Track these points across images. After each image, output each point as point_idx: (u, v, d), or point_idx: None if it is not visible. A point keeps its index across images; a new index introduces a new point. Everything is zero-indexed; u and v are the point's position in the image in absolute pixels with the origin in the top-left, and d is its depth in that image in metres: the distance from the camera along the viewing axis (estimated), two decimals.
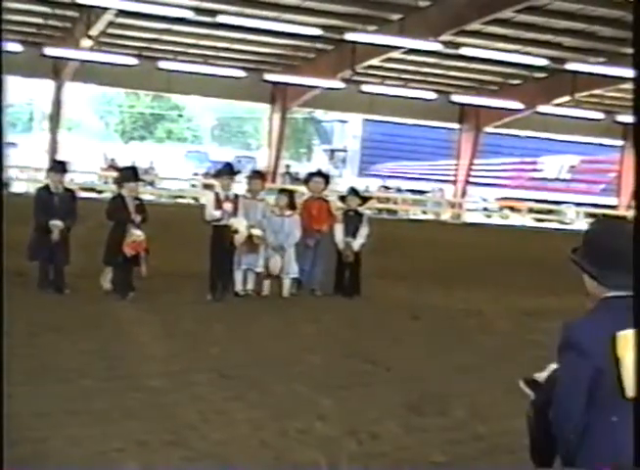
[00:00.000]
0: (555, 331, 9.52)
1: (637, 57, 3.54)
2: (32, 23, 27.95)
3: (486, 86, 35.17)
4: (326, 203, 11.51)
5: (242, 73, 31.84)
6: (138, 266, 9.68)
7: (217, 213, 10.21)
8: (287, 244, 10.68)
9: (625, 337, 2.76)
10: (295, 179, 36.73)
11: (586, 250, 3.07)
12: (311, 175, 11.90)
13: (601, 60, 28.06)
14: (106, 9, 24.20)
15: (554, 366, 3.22)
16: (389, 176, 40.27)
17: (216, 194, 10.42)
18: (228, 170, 10.64)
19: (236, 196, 10.43)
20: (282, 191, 11.40)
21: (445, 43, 25.92)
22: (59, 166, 10.16)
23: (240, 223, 10.20)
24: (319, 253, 11.28)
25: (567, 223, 39.97)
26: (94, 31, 26.00)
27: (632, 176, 2.91)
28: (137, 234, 9.55)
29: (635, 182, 2.82)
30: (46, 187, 10.06)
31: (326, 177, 11.75)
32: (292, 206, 10.93)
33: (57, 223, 9.60)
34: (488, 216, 40.44)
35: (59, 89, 32.39)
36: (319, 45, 29.31)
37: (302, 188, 23.78)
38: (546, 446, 3.01)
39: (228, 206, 10.24)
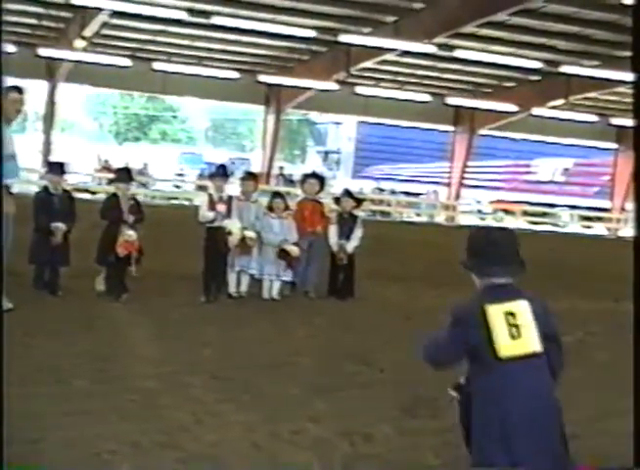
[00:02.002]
0: None
1: (636, 60, 3.54)
2: (26, 23, 27.91)
3: (481, 89, 35.24)
4: (319, 204, 11.50)
5: (236, 75, 31.87)
6: (129, 266, 9.65)
7: (211, 215, 10.20)
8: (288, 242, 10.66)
9: (493, 310, 3.64)
10: (288, 181, 36.73)
11: (468, 254, 4.01)
12: (306, 177, 11.89)
13: (595, 63, 28.13)
14: (100, 10, 24.19)
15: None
16: (383, 178, 40.32)
17: (210, 195, 10.41)
18: (222, 172, 10.64)
19: (229, 197, 10.42)
20: (276, 194, 11.38)
21: (440, 46, 25.98)
22: (57, 168, 10.13)
23: (233, 225, 10.19)
24: (313, 255, 11.26)
25: (560, 226, 40.04)
26: (88, 32, 25.99)
27: (626, 179, 2.92)
28: (129, 234, 9.54)
29: (635, 185, 2.84)
30: (45, 188, 10.03)
31: (321, 179, 11.74)
32: (285, 208, 10.95)
33: (59, 226, 9.57)
34: (482, 219, 40.46)
35: (53, 90, 32.39)
36: (313, 47, 29.34)
37: (296, 190, 23.75)
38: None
39: (221, 207, 10.23)
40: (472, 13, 23.38)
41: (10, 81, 9.00)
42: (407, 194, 39.83)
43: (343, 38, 25.82)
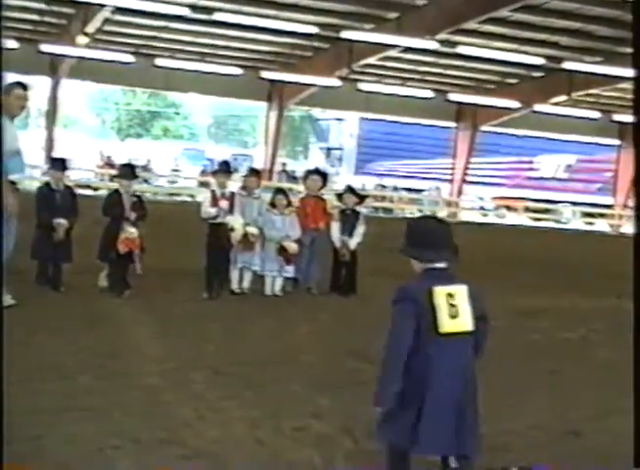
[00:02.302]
0: (551, 331, 9.56)
1: (637, 56, 3.54)
2: (28, 19, 27.92)
3: (483, 85, 35.21)
4: (322, 201, 11.50)
5: (239, 71, 31.85)
6: (132, 263, 9.66)
7: (213, 211, 10.21)
8: (288, 240, 10.66)
9: (438, 290, 4.01)
10: (291, 177, 36.73)
11: (408, 241, 4.29)
12: (309, 173, 11.88)
13: (598, 59, 28.09)
14: (102, 6, 24.20)
15: None
16: (386, 175, 40.30)
17: (212, 192, 10.41)
18: (225, 168, 10.64)
19: (232, 194, 10.43)
20: (278, 190, 11.37)
21: (442, 42, 25.95)
22: (59, 164, 10.14)
23: (236, 221, 10.19)
24: (315, 251, 11.27)
25: (563, 222, 40.01)
26: (90, 28, 26.00)
27: (629, 176, 2.94)
28: (130, 231, 9.54)
29: (635, 184, 2.85)
30: (47, 184, 10.04)
31: (324, 175, 11.72)
32: (288, 204, 10.95)
33: (61, 222, 9.58)
34: (485, 215, 40.49)
35: (55, 86, 32.41)
36: (316, 43, 29.31)
37: (298, 186, 23.75)
38: None
39: (224, 203, 10.23)
40: (474, 9, 23.36)
41: (12, 78, 9.01)
42: (409, 190, 39.84)
43: (346, 34, 25.81)
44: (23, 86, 8.43)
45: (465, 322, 4.04)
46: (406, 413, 3.98)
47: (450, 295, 4.04)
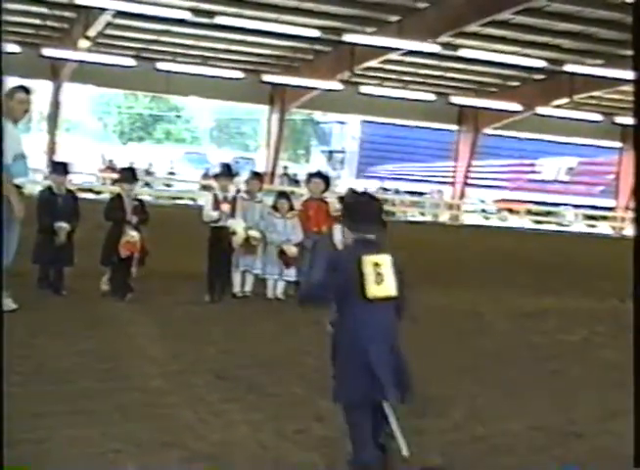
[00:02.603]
0: (553, 332, 9.55)
1: (637, 59, 3.54)
2: (30, 23, 27.96)
3: (485, 88, 35.22)
4: (325, 204, 11.48)
5: (240, 75, 31.88)
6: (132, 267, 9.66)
7: (215, 214, 10.21)
8: (289, 243, 10.65)
9: (366, 259, 4.46)
10: (293, 181, 36.73)
11: (344, 213, 4.87)
12: (311, 176, 11.85)
13: (599, 62, 28.11)
14: (104, 10, 24.22)
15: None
16: (388, 178, 40.29)
17: (214, 195, 10.41)
18: (226, 172, 10.64)
19: (234, 197, 10.43)
20: (281, 194, 11.35)
21: (444, 45, 25.98)
22: (61, 168, 10.14)
23: (238, 224, 10.19)
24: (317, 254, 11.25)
25: (565, 225, 39.99)
26: (92, 32, 26.03)
27: (631, 178, 2.94)
28: (132, 234, 9.54)
29: (635, 185, 2.85)
30: (49, 188, 10.05)
31: (326, 178, 11.68)
32: (290, 208, 10.94)
33: (62, 225, 9.58)
34: (487, 218, 40.48)
35: (57, 90, 32.44)
36: (317, 47, 29.33)
37: (300, 190, 23.74)
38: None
39: (226, 207, 10.23)
40: (476, 12, 23.37)
41: (14, 82, 9.02)
42: (411, 193, 39.83)
43: (348, 38, 25.83)
44: (26, 90, 8.44)
45: (389, 288, 4.53)
46: (350, 372, 4.47)
47: (377, 263, 4.51)
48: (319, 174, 11.94)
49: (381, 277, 4.50)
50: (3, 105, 8.28)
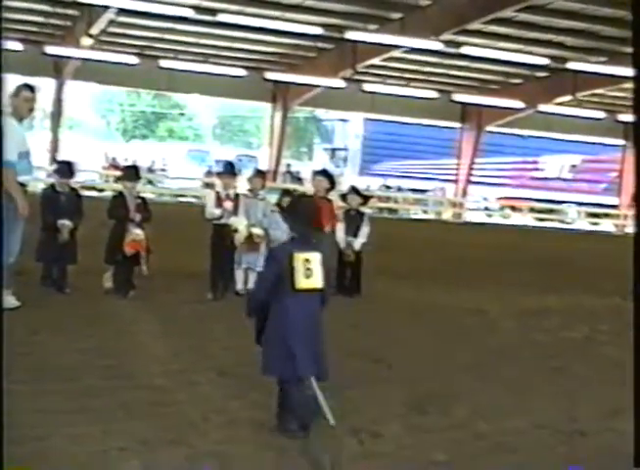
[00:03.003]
0: (556, 330, 9.54)
1: (637, 56, 3.53)
2: (33, 21, 27.97)
3: (488, 85, 35.19)
4: (329, 202, 11.46)
5: (243, 72, 31.87)
6: (138, 265, 9.66)
7: (217, 212, 10.21)
8: None
9: (297, 255, 5.11)
10: (296, 178, 36.73)
11: (286, 214, 5.61)
12: (315, 174, 11.84)
13: (602, 59, 28.08)
14: (106, 7, 24.24)
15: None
16: (391, 175, 40.27)
17: (217, 193, 10.42)
18: (229, 170, 10.64)
19: (237, 195, 10.42)
20: (286, 192, 11.35)
21: (446, 42, 25.95)
22: (66, 168, 10.11)
23: (240, 222, 10.19)
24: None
25: (568, 223, 39.97)
26: (95, 30, 26.03)
27: (633, 177, 2.95)
28: (136, 233, 9.54)
29: (636, 183, 2.84)
30: (52, 186, 10.05)
31: (330, 177, 11.62)
32: None
33: (65, 223, 9.59)
34: (489, 216, 40.47)
35: (60, 88, 32.44)
36: (320, 44, 29.32)
37: (303, 188, 23.71)
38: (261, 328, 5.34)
39: (228, 204, 10.23)
40: (478, 9, 23.35)
41: (17, 79, 9.03)
42: (414, 191, 39.82)
43: (350, 35, 25.81)
44: (31, 88, 8.46)
45: (316, 281, 5.19)
46: (279, 351, 5.15)
47: (307, 260, 5.15)
48: (323, 172, 11.91)
49: (310, 272, 5.16)
50: (9, 103, 8.32)
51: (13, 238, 8.16)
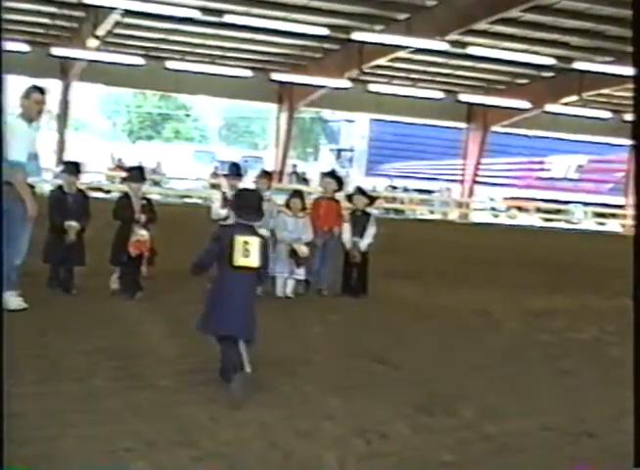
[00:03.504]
0: (564, 331, 9.52)
1: (637, 55, 3.52)
2: (39, 23, 28.04)
3: (494, 86, 35.18)
4: (336, 203, 11.48)
5: (249, 73, 31.90)
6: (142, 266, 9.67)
7: (223, 212, 10.21)
8: (300, 242, 10.65)
9: (238, 238, 6.05)
10: (302, 179, 36.73)
11: (233, 203, 6.64)
12: (323, 175, 11.92)
13: (609, 59, 28.04)
14: (112, 9, 24.28)
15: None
16: (397, 176, 40.27)
17: (224, 193, 10.43)
18: (235, 171, 10.65)
19: None
20: (295, 193, 11.34)
21: (452, 43, 25.94)
22: (73, 168, 10.15)
23: None
24: (327, 253, 11.26)
25: (574, 223, 39.93)
26: (101, 31, 26.08)
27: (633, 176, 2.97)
28: (141, 234, 9.55)
29: (636, 182, 2.84)
30: (60, 187, 10.08)
31: (338, 179, 11.69)
32: (302, 207, 10.92)
33: (72, 224, 9.60)
34: (496, 216, 40.45)
35: (66, 89, 32.52)
36: (326, 45, 29.32)
37: (309, 188, 23.71)
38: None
39: None
40: (484, 9, 23.33)
41: (23, 81, 9.06)
42: (420, 191, 39.80)
43: (356, 36, 25.81)
44: (42, 90, 8.49)
45: (252, 261, 6.10)
46: (212, 312, 6.23)
47: (246, 242, 6.08)
48: (331, 174, 11.95)
49: (248, 252, 6.08)
50: (19, 104, 8.36)
51: (21, 239, 8.18)
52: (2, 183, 7.10)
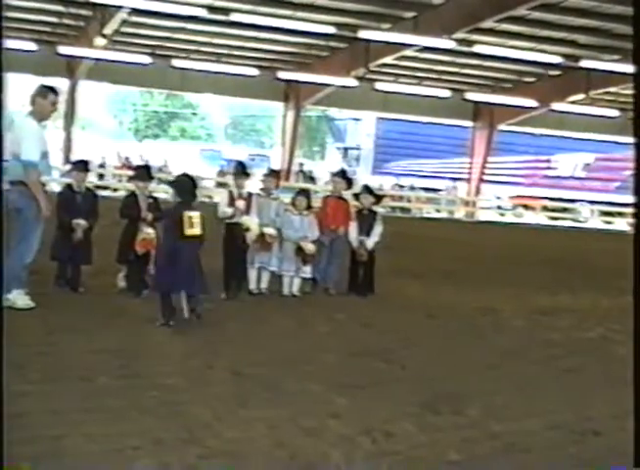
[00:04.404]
0: (570, 330, 9.52)
1: (637, 53, 3.51)
2: (47, 21, 28.10)
3: (500, 84, 35.13)
4: (344, 202, 11.49)
5: (255, 72, 31.91)
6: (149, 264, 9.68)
7: (229, 211, 10.22)
8: (306, 240, 10.66)
9: (185, 213, 8.05)
10: (308, 177, 36.73)
11: (172, 187, 8.67)
12: (333, 175, 11.98)
13: (616, 57, 27.97)
14: (119, 7, 24.32)
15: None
16: (403, 174, 40.25)
17: (230, 192, 10.44)
18: (242, 170, 10.65)
19: (250, 194, 10.44)
20: (301, 191, 11.34)
21: (459, 41, 25.92)
22: (82, 165, 10.19)
23: (251, 221, 10.19)
24: (334, 251, 11.27)
25: (581, 221, 39.85)
26: (108, 30, 26.12)
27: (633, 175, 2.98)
28: (148, 232, 9.56)
29: (635, 181, 2.84)
30: (68, 186, 10.10)
31: (348, 178, 11.71)
32: (308, 205, 10.92)
33: (80, 222, 9.62)
34: (502, 215, 40.39)
35: (73, 88, 32.57)
36: (333, 43, 29.33)
37: (316, 187, 23.72)
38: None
39: (241, 203, 10.24)
40: (491, 8, 23.31)
41: (30, 80, 9.10)
42: (427, 190, 39.77)
43: (363, 34, 25.80)
44: (55, 91, 8.57)
45: (197, 230, 8.09)
46: (166, 274, 8.12)
47: (190, 217, 8.07)
48: (340, 174, 11.96)
49: (192, 224, 8.06)
50: (30, 102, 8.40)
51: (33, 238, 8.24)
52: (2, 182, 7.17)
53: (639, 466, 3.61)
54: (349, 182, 11.64)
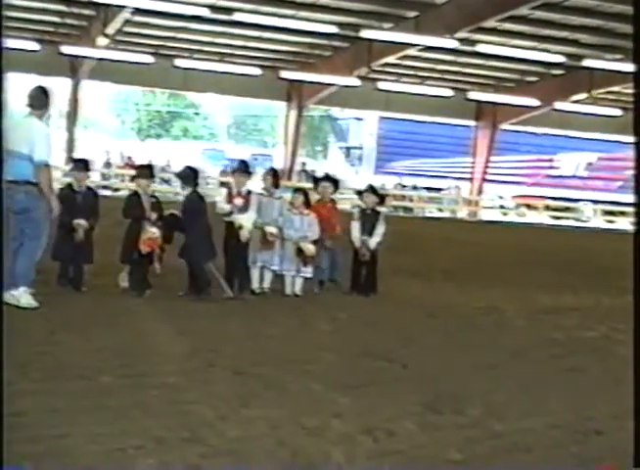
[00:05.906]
0: (573, 329, 9.51)
1: (637, 52, 3.51)
2: (49, 21, 28.13)
3: (503, 83, 35.14)
4: (333, 204, 11.49)
5: (258, 71, 31.93)
6: (153, 263, 9.69)
7: (227, 207, 10.23)
8: (307, 239, 10.65)
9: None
10: (311, 177, 36.67)
11: (179, 177, 10.48)
12: (319, 180, 11.74)
13: (618, 56, 27.97)
14: (122, 7, 24.34)
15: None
16: (406, 174, 40.26)
17: (229, 189, 10.46)
18: (243, 168, 10.64)
19: (249, 192, 10.43)
20: (297, 190, 11.36)
21: (461, 40, 25.93)
22: (82, 164, 10.19)
23: (243, 219, 10.17)
24: (336, 250, 11.27)
25: (584, 221, 39.84)
26: (110, 30, 26.15)
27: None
28: (152, 231, 9.56)
29: (635, 181, 2.84)
30: (69, 185, 10.11)
31: (334, 181, 11.60)
32: (307, 204, 10.90)
33: (81, 222, 9.62)
34: (505, 214, 40.40)
35: (75, 87, 32.61)
36: (335, 43, 29.35)
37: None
38: None
39: (238, 201, 10.23)
40: (493, 7, 23.31)
41: (33, 79, 9.14)
42: (429, 189, 39.78)
43: (365, 34, 25.82)
44: (48, 93, 8.62)
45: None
46: (201, 249, 9.89)
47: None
48: (327, 178, 11.79)
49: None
50: (31, 104, 8.42)
51: (44, 237, 8.30)
52: (2, 182, 7.18)
53: (639, 466, 3.60)
54: (337, 184, 11.54)
